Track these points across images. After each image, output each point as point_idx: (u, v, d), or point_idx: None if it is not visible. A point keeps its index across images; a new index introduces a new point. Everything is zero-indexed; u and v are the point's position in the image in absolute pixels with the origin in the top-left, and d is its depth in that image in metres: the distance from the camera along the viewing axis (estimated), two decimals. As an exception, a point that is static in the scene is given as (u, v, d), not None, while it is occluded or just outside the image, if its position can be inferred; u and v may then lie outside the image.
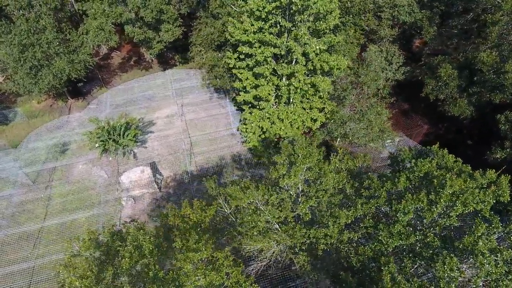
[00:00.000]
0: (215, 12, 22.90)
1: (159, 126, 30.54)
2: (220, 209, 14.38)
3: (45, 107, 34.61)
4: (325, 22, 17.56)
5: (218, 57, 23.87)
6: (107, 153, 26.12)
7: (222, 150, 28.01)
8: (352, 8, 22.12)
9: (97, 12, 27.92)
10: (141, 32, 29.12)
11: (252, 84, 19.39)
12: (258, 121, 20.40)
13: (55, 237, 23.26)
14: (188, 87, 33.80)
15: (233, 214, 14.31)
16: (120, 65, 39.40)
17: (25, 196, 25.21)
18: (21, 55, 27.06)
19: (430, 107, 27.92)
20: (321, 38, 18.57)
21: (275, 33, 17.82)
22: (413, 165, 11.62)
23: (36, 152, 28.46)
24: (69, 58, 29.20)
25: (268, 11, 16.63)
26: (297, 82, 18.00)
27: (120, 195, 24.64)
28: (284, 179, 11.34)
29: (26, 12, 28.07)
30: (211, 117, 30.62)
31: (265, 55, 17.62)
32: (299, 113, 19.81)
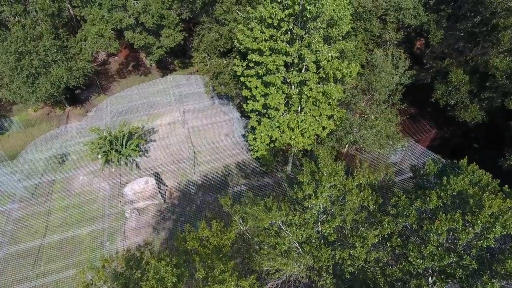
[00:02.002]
0: (221, 18, 22.22)
1: (161, 134, 29.75)
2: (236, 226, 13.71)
3: (42, 115, 33.63)
4: (338, 28, 17.02)
5: (223, 64, 23.19)
6: (109, 164, 25.29)
7: (226, 158, 27.33)
8: (363, 14, 21.63)
9: (96, 17, 27.09)
10: (142, 38, 28.35)
11: (261, 93, 18.76)
12: (268, 130, 19.77)
13: (56, 253, 22.38)
14: (189, 93, 33.05)
15: (249, 231, 13.66)
16: (119, 70, 38.53)
17: (24, 210, 24.27)
18: (17, 63, 26.16)
19: (438, 111, 27.58)
20: (332, 45, 18.03)
21: (287, 41, 17.22)
22: (444, 182, 11.04)
23: (35, 164, 27.50)
24: (67, 66, 28.33)
25: (280, 18, 16.03)
26: (309, 91, 17.41)
27: (123, 207, 23.82)
28: (311, 200, 10.72)
29: (22, 18, 27.14)
30: (214, 124, 29.92)
31: (276, 64, 17.00)
32: (310, 121, 19.23)
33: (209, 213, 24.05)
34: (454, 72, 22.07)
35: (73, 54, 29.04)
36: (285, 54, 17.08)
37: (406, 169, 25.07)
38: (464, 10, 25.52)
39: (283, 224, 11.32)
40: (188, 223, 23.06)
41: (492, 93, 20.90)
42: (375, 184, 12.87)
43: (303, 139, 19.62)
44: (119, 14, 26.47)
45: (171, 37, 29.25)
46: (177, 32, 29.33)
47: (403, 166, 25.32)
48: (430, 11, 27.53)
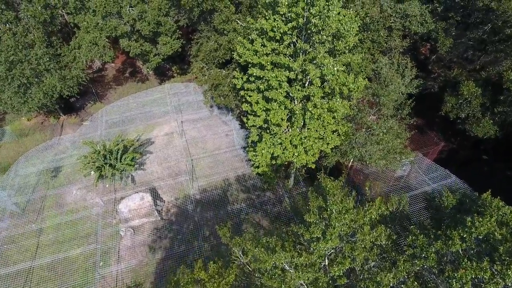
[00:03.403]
0: (220, 27, 21.13)
1: (158, 145, 28.67)
2: (235, 258, 12.63)
3: (36, 124, 32.57)
4: (344, 41, 15.93)
5: (222, 75, 22.11)
6: (103, 179, 24.20)
7: (226, 172, 26.24)
8: (370, 24, 20.54)
9: (90, 25, 26.00)
10: (138, 46, 27.25)
11: (262, 108, 17.67)
12: (269, 147, 18.68)
13: (47, 274, 21.30)
14: (188, 101, 31.97)
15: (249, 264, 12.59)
16: (115, 77, 37.46)
17: (14, 227, 23.18)
18: (8, 72, 25.08)
19: (446, 122, 26.51)
20: (338, 58, 16.93)
21: (290, 55, 16.14)
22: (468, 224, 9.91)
23: (26, 177, 26.42)
24: (61, 74, 27.27)
25: (283, 32, 14.94)
26: (314, 108, 16.32)
27: (118, 225, 22.75)
28: (319, 243, 9.66)
29: (13, 26, 26.04)
30: (214, 135, 28.82)
31: (279, 80, 15.91)
32: (314, 138, 18.15)
33: (207, 231, 23.00)
34: (465, 84, 21.00)
35: (67, 63, 27.97)
36: (288, 69, 15.99)
37: (413, 183, 24.01)
38: (474, 18, 24.42)
39: (287, 265, 10.26)
40: (185, 241, 22.25)
41: (506, 107, 19.83)
42: (387, 215, 11.82)
43: (307, 156, 18.55)
44: (113, 21, 25.39)
45: (168, 44, 28.17)
46: (174, 40, 28.25)
47: (411, 181, 24.24)
48: (438, 18, 26.42)
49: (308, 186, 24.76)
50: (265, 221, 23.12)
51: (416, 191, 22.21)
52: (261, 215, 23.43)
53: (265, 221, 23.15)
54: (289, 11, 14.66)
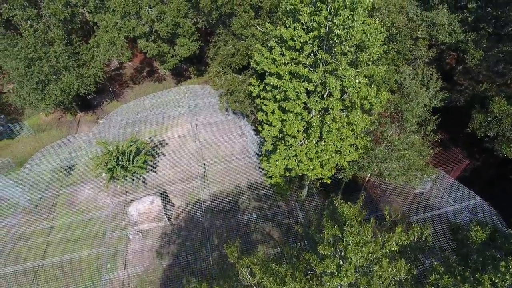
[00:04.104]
0: (238, 32, 20.55)
1: (171, 147, 28.40)
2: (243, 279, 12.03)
3: (53, 120, 32.91)
4: (368, 52, 15.06)
5: (239, 81, 21.54)
6: (114, 180, 24.06)
7: (238, 178, 25.68)
8: (397, 35, 19.52)
9: (109, 24, 25.92)
10: (155, 47, 27.01)
11: (278, 118, 16.98)
12: (283, 159, 17.97)
13: (55, 272, 21.28)
14: (203, 104, 31.58)
15: (258, 286, 11.96)
16: (132, 76, 37.53)
17: (26, 223, 23.31)
18: (27, 69, 25.28)
19: (471, 137, 25.10)
20: (360, 69, 16.05)
21: (309, 64, 15.39)
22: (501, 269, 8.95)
23: (40, 174, 26.61)
24: (78, 73, 27.35)
25: (304, 41, 14.21)
26: (333, 122, 15.51)
27: (126, 228, 22.55)
28: (332, 278, 8.95)
29: (34, 23, 26.25)
30: (227, 140, 28.32)
31: (297, 91, 15.20)
32: (331, 152, 17.32)
33: (216, 238, 22.50)
34: (496, 101, 19.73)
35: (85, 61, 28.04)
36: (307, 80, 15.25)
37: (434, 202, 22.82)
38: (507, 30, 22.97)
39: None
40: (193, 248, 21.83)
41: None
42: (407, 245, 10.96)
43: (322, 170, 17.75)
44: (132, 21, 25.20)
45: (186, 46, 27.83)
46: (192, 41, 27.88)
47: (431, 199, 23.05)
48: (468, 28, 25.04)
49: (322, 198, 23.95)
50: (276, 232, 22.45)
51: (436, 211, 21.05)
52: (272, 225, 22.77)
53: (276, 232, 22.47)
54: (311, 20, 13.93)
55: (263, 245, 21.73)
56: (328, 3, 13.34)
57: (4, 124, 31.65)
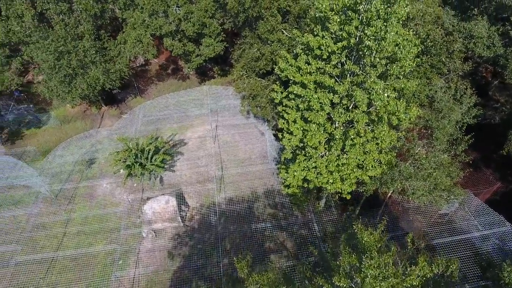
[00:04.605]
0: (264, 36, 20.11)
1: (190, 147, 28.35)
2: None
3: (79, 112, 33.65)
4: (400, 65, 14.20)
5: (262, 85, 21.10)
6: (132, 178, 24.21)
7: (255, 183, 25.26)
8: (432, 48, 18.46)
9: (137, 22, 26.10)
10: (180, 46, 26.99)
11: (300, 128, 16.40)
12: (302, 170, 17.38)
13: (69, 264, 21.62)
14: (225, 105, 31.34)
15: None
16: (157, 73, 37.86)
17: (46, 213, 23.84)
18: (56, 62, 25.87)
19: (504, 159, 23.59)
20: (389, 82, 15.21)
21: (336, 75, 14.72)
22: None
23: (62, 165, 27.18)
24: (105, 68, 27.72)
25: (332, 51, 13.58)
26: (357, 137, 14.78)
27: (140, 225, 22.61)
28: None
29: (66, 17, 26.81)
30: (247, 144, 27.94)
31: (321, 102, 14.58)
32: (353, 166, 16.58)
33: (229, 243, 22.19)
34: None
35: (112, 57, 28.41)
36: (332, 91, 14.60)
37: (459, 225, 21.53)
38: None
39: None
40: (204, 252, 21.62)
41: None
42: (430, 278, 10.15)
43: (342, 185, 17.02)
44: (160, 20, 25.26)
45: (211, 46, 27.66)
46: (217, 42, 27.69)
47: (456, 221, 21.78)
48: (509, 42, 23.50)
49: (340, 211, 23.16)
50: (290, 243, 21.89)
51: (462, 235, 19.82)
52: (286, 235, 22.22)
53: (289, 242, 21.91)
54: (341, 29, 13.28)
55: (275, 255, 21.25)
56: (360, 13, 12.65)
57: (32, 113, 32.65)
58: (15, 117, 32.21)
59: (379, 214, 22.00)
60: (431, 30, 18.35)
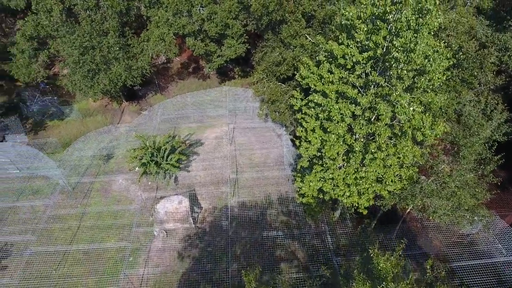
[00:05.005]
0: (286, 41, 19.65)
1: (206, 148, 28.25)
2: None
3: (100, 106, 34.19)
4: (428, 78, 13.45)
5: (281, 90, 20.65)
6: (147, 176, 24.30)
7: (269, 189, 24.87)
8: (464, 61, 17.47)
9: (161, 20, 26.18)
10: (202, 46, 26.90)
11: (318, 138, 15.87)
12: (318, 181, 16.85)
13: (81, 257, 21.89)
14: (243, 107, 31.10)
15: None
16: (178, 71, 38.00)
17: (62, 205, 24.27)
18: (80, 57, 26.29)
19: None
20: (416, 94, 14.46)
21: (359, 85, 14.12)
22: None
23: (81, 158, 27.65)
24: (127, 64, 27.98)
25: (356, 61, 13.01)
26: (378, 151, 14.12)
27: (152, 224, 22.64)
28: None
29: (93, 13, 27.23)
30: (263, 148, 27.57)
31: (342, 113, 14.03)
32: (372, 180, 15.91)
33: (239, 249, 21.90)
34: None
35: (134, 54, 28.65)
36: (354, 103, 14.01)
37: (481, 248, 20.41)
38: None
39: None
40: (214, 255, 21.42)
41: None
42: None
43: (359, 199, 16.39)
44: (183, 19, 25.22)
45: (233, 48, 27.43)
46: (239, 44, 27.42)
47: (478, 243, 20.68)
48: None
49: (355, 223, 22.44)
50: (301, 253, 21.38)
51: (484, 259, 18.76)
52: (297, 245, 21.72)
53: (301, 252, 21.40)
54: (367, 38, 12.69)
55: (286, 264, 20.81)
56: (389, 22, 12.02)
57: (56, 105, 33.42)
58: (39, 108, 33.05)
59: (396, 230, 21.15)
60: (464, 42, 17.36)
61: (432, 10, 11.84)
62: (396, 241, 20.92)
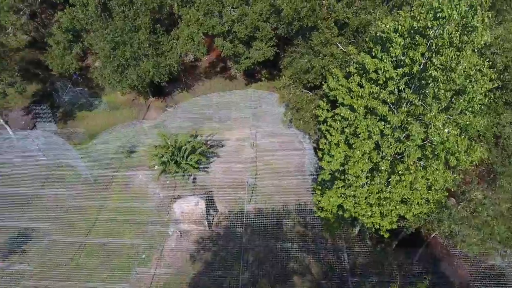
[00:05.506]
0: (316, 48, 18.96)
1: (227, 150, 28.02)
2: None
3: (127, 100, 34.76)
4: (468, 100, 12.39)
5: (307, 99, 19.99)
6: (166, 174, 24.36)
7: (287, 198, 24.27)
8: (510, 83, 16.10)
9: (192, 19, 26.14)
10: (231, 47, 26.65)
11: (342, 152, 15.11)
12: (339, 197, 16.10)
13: (96, 249, 22.22)
14: (267, 111, 30.61)
15: None
16: (206, 70, 38.02)
17: (84, 196, 24.75)
18: (112, 52, 26.74)
19: None
20: (452, 115, 13.39)
21: (391, 102, 13.25)
22: None
23: (105, 151, 28.17)
24: (156, 61, 28.18)
25: (389, 76, 12.19)
26: (406, 173, 13.21)
27: (168, 223, 22.65)
28: None
29: (126, 9, 27.59)
30: (284, 155, 26.97)
31: (369, 130, 13.24)
32: (397, 202, 14.98)
33: (252, 257, 21.48)
34: None
35: (163, 51, 28.81)
36: (384, 120, 13.18)
37: None
38: None
39: None
40: (226, 261, 21.13)
41: None
42: None
43: (382, 221, 15.49)
44: (213, 20, 25.05)
45: (261, 51, 27.02)
46: (268, 47, 26.94)
47: (508, 277, 19.17)
48: None
49: (374, 241, 21.44)
50: (316, 267, 20.68)
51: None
52: (312, 259, 21.02)
53: (315, 267, 20.71)
54: (404, 53, 11.84)
55: (299, 277, 20.21)
56: (429, 38, 11.13)
57: (86, 96, 34.30)
58: (70, 98, 34.03)
59: (417, 254, 19.98)
60: (511, 61, 16.00)
61: (478, 27, 10.86)
62: (417, 266, 19.80)
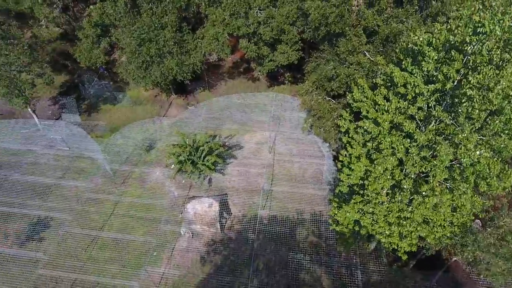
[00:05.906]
0: (343, 56, 18.30)
1: (245, 152, 27.71)
2: None
3: (150, 96, 35.12)
4: (504, 121, 11.46)
5: (329, 107, 19.35)
6: (182, 173, 24.35)
7: (303, 206, 23.73)
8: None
9: (217, 19, 25.98)
10: (255, 49, 26.30)
11: (362, 167, 14.46)
12: (356, 212, 15.44)
13: (109, 243, 22.47)
14: (288, 116, 30.09)
15: None
16: (229, 70, 37.86)
17: (101, 189, 25.12)
18: (137, 48, 27.00)
19: None
20: (485, 135, 12.47)
21: (419, 119, 12.49)
22: None
23: (125, 146, 28.51)
24: (180, 59, 28.24)
25: (419, 92, 11.45)
26: (431, 194, 12.42)
27: (181, 223, 22.60)
28: None
29: (154, 6, 27.80)
30: (303, 162, 26.38)
31: (393, 147, 12.53)
32: (418, 223, 14.17)
33: (262, 263, 21.11)
34: None
35: (188, 50, 28.84)
36: (409, 137, 12.44)
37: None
38: None
39: None
40: (236, 265, 20.87)
41: None
42: None
43: (400, 242, 14.71)
44: (239, 21, 24.78)
45: (286, 54, 26.51)
46: (293, 51, 26.40)
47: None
48: None
49: (389, 259, 20.57)
50: (327, 281, 20.05)
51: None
52: (324, 272, 20.40)
53: (327, 280, 20.08)
54: (436, 68, 11.08)
55: (309, 290, 19.67)
56: (466, 54, 10.33)
57: (110, 90, 34.92)
58: (95, 91, 34.73)
59: (436, 277, 18.97)
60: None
61: (522, 44, 9.98)
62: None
